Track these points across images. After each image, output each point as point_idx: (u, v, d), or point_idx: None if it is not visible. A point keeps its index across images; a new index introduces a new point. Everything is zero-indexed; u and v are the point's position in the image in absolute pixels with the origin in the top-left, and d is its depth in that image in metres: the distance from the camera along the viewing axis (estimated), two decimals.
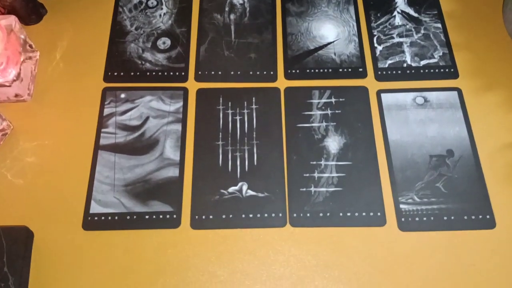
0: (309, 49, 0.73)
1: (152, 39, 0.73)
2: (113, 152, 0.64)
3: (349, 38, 0.75)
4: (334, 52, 0.73)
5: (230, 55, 0.73)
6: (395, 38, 0.75)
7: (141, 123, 0.67)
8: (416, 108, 0.69)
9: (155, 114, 0.67)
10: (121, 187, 0.62)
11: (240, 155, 0.65)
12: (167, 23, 0.75)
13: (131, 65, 0.71)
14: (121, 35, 0.73)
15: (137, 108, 0.68)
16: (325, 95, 0.70)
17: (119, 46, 0.72)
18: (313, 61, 0.72)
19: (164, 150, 0.65)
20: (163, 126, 0.66)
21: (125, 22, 0.75)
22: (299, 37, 0.74)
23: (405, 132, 0.67)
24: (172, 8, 0.76)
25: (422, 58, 0.73)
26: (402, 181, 0.64)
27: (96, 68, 0.71)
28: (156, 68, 0.71)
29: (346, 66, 0.72)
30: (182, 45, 0.73)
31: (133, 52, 0.72)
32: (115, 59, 0.71)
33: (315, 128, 0.67)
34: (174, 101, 0.68)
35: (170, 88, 0.69)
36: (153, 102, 0.68)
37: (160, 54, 0.72)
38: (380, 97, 0.70)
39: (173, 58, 0.72)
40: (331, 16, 0.77)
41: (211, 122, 0.67)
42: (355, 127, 0.67)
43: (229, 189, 0.62)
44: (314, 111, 0.68)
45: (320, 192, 0.63)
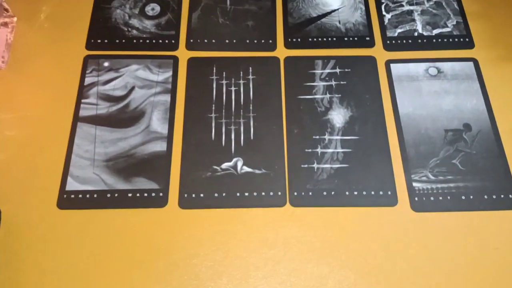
0: (312, 16, 0.67)
1: (140, 5, 0.67)
2: (93, 124, 0.58)
3: (355, 5, 0.69)
4: (339, 20, 0.67)
5: (225, 22, 0.66)
6: (404, 6, 0.69)
7: (125, 94, 0.60)
8: (429, 79, 0.63)
9: (141, 84, 0.61)
10: (102, 162, 0.56)
11: (235, 129, 0.58)
12: None
13: (116, 32, 0.65)
14: (106, 0, 0.67)
15: (122, 78, 0.61)
16: (329, 65, 0.63)
17: (104, 12, 0.66)
18: (316, 30, 0.66)
19: (151, 123, 0.58)
20: (150, 96, 0.60)
21: None
22: (300, 4, 0.68)
23: (417, 104, 0.61)
24: None
25: (435, 27, 0.67)
26: (415, 157, 0.58)
27: (78, 35, 0.64)
28: (143, 36, 0.64)
29: (351, 35, 0.66)
30: (172, 11, 0.67)
31: (119, 19, 0.66)
32: (99, 26, 0.65)
33: (318, 100, 0.61)
34: (162, 70, 0.62)
35: (159, 57, 0.63)
36: (139, 71, 0.62)
37: (148, 21, 0.66)
38: (389, 68, 0.64)
39: (162, 25, 0.66)
40: None
41: (204, 93, 0.61)
42: (363, 99, 0.61)
43: (222, 165, 0.56)
44: (317, 82, 0.62)
45: (324, 169, 0.56)
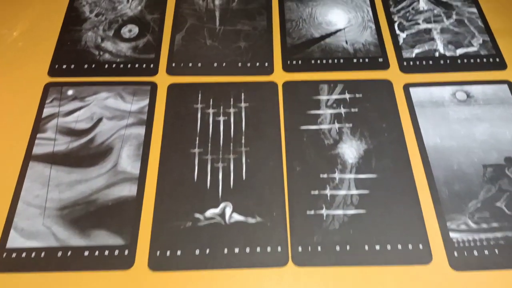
0: (314, 36, 0.58)
1: (115, 27, 0.58)
2: (49, 163, 0.47)
3: (363, 24, 0.59)
4: (346, 40, 0.58)
5: (213, 44, 0.57)
6: (421, 24, 0.60)
7: (91, 126, 0.50)
8: (458, 105, 0.52)
9: (110, 114, 0.51)
10: (55, 210, 0.44)
11: (223, 167, 0.47)
12: (135, 9, 0.60)
13: (85, 56, 0.55)
14: (76, 22, 0.58)
15: (88, 108, 0.51)
16: (337, 90, 0.53)
17: (73, 34, 0.57)
18: (319, 50, 0.56)
19: (119, 161, 0.47)
20: (120, 129, 0.49)
21: (84, 8, 0.60)
22: (300, 24, 0.59)
23: (445, 134, 0.50)
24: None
25: (458, 46, 0.57)
26: (449, 200, 0.46)
27: (41, 60, 0.55)
28: (117, 60, 0.55)
29: (361, 56, 0.56)
30: (153, 33, 0.58)
31: (89, 41, 0.57)
32: (65, 49, 0.56)
33: (324, 131, 0.50)
34: (137, 98, 0.52)
35: (134, 83, 0.53)
36: (109, 100, 0.52)
37: (124, 44, 0.56)
38: (408, 92, 0.53)
39: (140, 47, 0.56)
40: (339, 1, 0.62)
41: (186, 124, 0.50)
42: (379, 129, 0.50)
43: (206, 213, 0.44)
44: (322, 110, 0.52)
45: (335, 216, 0.45)
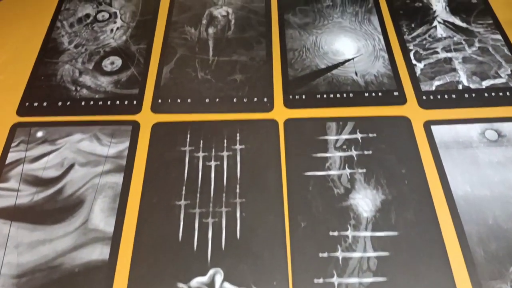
0: (319, 68, 0.51)
1: (96, 59, 0.52)
2: (8, 219, 0.40)
3: (375, 53, 0.53)
4: (355, 71, 0.51)
5: (205, 77, 0.50)
6: (440, 53, 0.53)
7: (60, 174, 0.43)
8: (488, 146, 0.45)
9: (84, 160, 0.44)
10: (11, 278, 0.37)
11: (213, 223, 0.40)
12: (119, 39, 0.54)
13: (60, 92, 0.49)
14: (53, 54, 0.52)
15: (59, 152, 0.44)
16: (347, 129, 0.46)
17: (48, 68, 0.51)
18: (326, 83, 0.50)
19: (91, 216, 0.40)
20: (94, 177, 0.42)
21: (62, 38, 0.54)
22: (303, 53, 0.53)
23: (476, 181, 0.42)
24: (129, 21, 0.56)
25: (484, 77, 0.50)
26: (485, 263, 0.38)
27: (10, 97, 0.49)
28: (95, 96, 0.48)
29: (374, 89, 0.49)
30: (137, 65, 0.51)
31: (66, 75, 0.50)
32: (38, 85, 0.49)
33: (333, 178, 0.42)
34: (116, 140, 0.45)
35: (113, 123, 0.46)
36: (83, 142, 0.45)
37: (104, 78, 0.50)
38: (430, 131, 0.46)
39: (122, 82, 0.50)
40: (347, 28, 0.56)
41: (171, 170, 0.43)
42: (398, 175, 0.43)
43: (192, 282, 0.37)
44: (330, 153, 0.44)
45: (350, 285, 0.37)
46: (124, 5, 0.58)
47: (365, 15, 0.57)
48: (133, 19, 0.56)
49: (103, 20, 0.56)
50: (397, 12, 0.58)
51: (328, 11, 0.58)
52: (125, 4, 0.58)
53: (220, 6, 0.58)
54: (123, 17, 0.56)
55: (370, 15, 0.57)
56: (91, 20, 0.56)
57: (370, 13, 0.57)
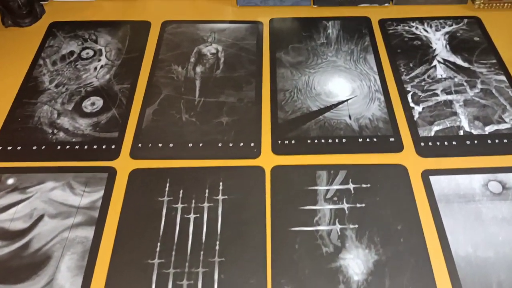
0: (311, 110, 0.48)
1: (76, 99, 0.49)
2: None
3: (370, 95, 0.50)
4: (349, 114, 0.48)
5: (190, 119, 0.48)
6: (440, 95, 0.50)
7: (28, 227, 0.40)
8: (492, 200, 0.41)
9: (54, 211, 0.41)
10: None
11: (188, 285, 0.36)
12: (103, 78, 0.52)
13: (36, 135, 0.46)
14: (32, 94, 0.50)
15: (28, 202, 0.41)
16: (338, 179, 0.43)
17: (26, 108, 0.49)
18: (317, 127, 0.47)
19: (57, 275, 0.37)
20: (63, 231, 0.39)
21: (43, 77, 0.52)
22: (295, 95, 0.50)
23: (479, 240, 0.39)
24: (114, 59, 0.54)
25: (487, 122, 0.47)
26: None
27: None
28: (72, 140, 0.46)
29: (369, 134, 0.46)
30: (119, 106, 0.49)
31: (43, 117, 0.48)
32: (14, 127, 0.47)
33: (322, 235, 0.39)
34: (90, 189, 0.42)
35: (88, 169, 0.44)
36: (55, 191, 0.42)
37: (83, 120, 0.48)
38: (428, 182, 0.43)
39: (102, 124, 0.47)
40: (342, 68, 0.53)
41: (147, 224, 0.40)
42: (393, 232, 0.39)
43: None
44: (320, 205, 0.41)
45: None
46: (110, 42, 0.56)
47: (361, 53, 0.54)
48: (118, 57, 0.54)
49: (87, 58, 0.54)
50: (395, 50, 0.55)
51: (322, 49, 0.55)
52: (111, 41, 0.56)
53: (210, 44, 0.56)
54: (108, 55, 0.54)
55: (366, 54, 0.54)
56: (74, 57, 0.54)
57: (366, 51, 0.55)
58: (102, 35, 0.57)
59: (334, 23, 0.58)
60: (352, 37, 0.56)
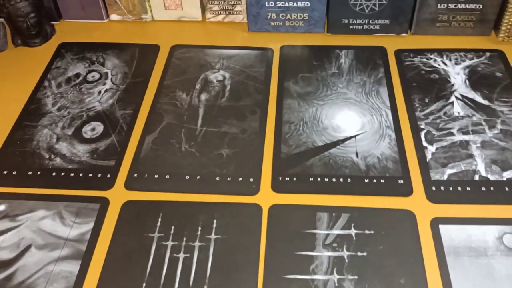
0: (316, 145, 0.46)
1: (77, 124, 0.49)
2: None
3: (381, 132, 0.47)
4: (356, 151, 0.45)
5: (189, 149, 0.46)
6: (456, 134, 0.47)
7: (14, 257, 0.38)
8: (507, 256, 0.38)
9: (42, 241, 0.39)
10: None
11: None
12: (106, 103, 0.51)
13: (33, 160, 0.45)
14: (34, 116, 0.50)
15: (17, 230, 0.40)
16: (340, 223, 0.40)
17: (25, 131, 0.48)
18: (322, 164, 0.44)
19: None
20: (49, 264, 0.38)
21: (47, 99, 0.51)
22: (301, 128, 0.48)
23: None
24: (119, 83, 0.53)
25: (506, 167, 0.44)
26: None
27: None
28: (68, 166, 0.45)
29: (376, 175, 0.43)
30: (119, 133, 0.48)
31: (42, 141, 0.47)
32: (11, 151, 0.46)
33: (318, 285, 0.36)
34: (80, 220, 0.41)
35: (81, 199, 0.42)
36: (45, 221, 0.41)
37: (82, 146, 0.47)
38: (437, 231, 0.39)
39: (100, 152, 0.46)
40: (352, 101, 0.51)
41: (134, 261, 0.38)
42: (395, 286, 0.36)
43: None
44: (317, 251, 0.38)
45: None
46: (117, 65, 0.55)
47: (374, 86, 0.52)
48: (123, 81, 0.53)
49: (92, 81, 0.53)
50: (410, 84, 0.52)
51: (332, 79, 0.53)
52: (118, 64, 0.55)
53: (217, 70, 0.54)
54: (113, 79, 0.53)
55: (379, 87, 0.52)
56: (80, 80, 0.53)
57: (379, 84, 0.52)
58: (110, 58, 0.56)
59: (347, 52, 0.56)
60: (365, 68, 0.54)
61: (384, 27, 0.57)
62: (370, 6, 0.56)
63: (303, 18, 0.57)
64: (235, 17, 0.60)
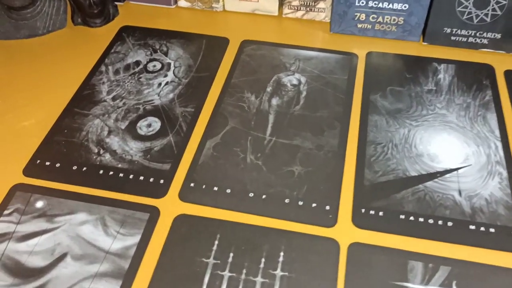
0: (408, 175, 0.38)
1: (132, 117, 0.43)
2: None
3: (489, 167, 0.39)
4: (459, 189, 0.37)
5: (255, 162, 0.39)
6: None
7: (47, 265, 0.33)
8: None
9: (80, 251, 0.34)
10: None
11: None
12: (165, 97, 0.45)
13: (79, 153, 0.40)
14: (86, 104, 0.44)
15: (53, 234, 0.35)
16: (438, 277, 0.32)
17: (75, 119, 0.43)
18: (415, 200, 0.36)
19: None
20: (84, 279, 0.32)
21: (102, 86, 0.46)
22: (389, 151, 0.40)
23: None
24: (182, 76, 0.47)
25: None
26: None
27: (22, 149, 0.41)
28: (118, 165, 0.39)
29: (484, 222, 0.35)
30: (177, 133, 0.42)
31: (92, 133, 0.42)
32: (57, 139, 0.41)
33: None
34: (125, 231, 0.35)
35: (128, 205, 0.36)
36: (86, 226, 0.35)
37: (135, 143, 0.41)
38: None
39: (154, 152, 0.40)
40: (453, 125, 0.42)
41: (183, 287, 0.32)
42: None
43: None
44: None
45: None
46: (181, 56, 0.49)
47: (480, 110, 0.43)
48: (187, 75, 0.47)
49: (153, 71, 0.48)
50: None
51: (429, 97, 0.45)
52: (182, 55, 0.49)
53: (292, 73, 0.47)
54: (176, 71, 0.48)
55: (486, 112, 0.43)
56: (139, 69, 0.48)
57: (487, 109, 0.43)
58: (174, 47, 0.50)
59: (447, 67, 0.48)
60: (469, 88, 0.45)
61: (493, 43, 0.49)
62: (481, 16, 0.47)
63: (397, 23, 0.50)
64: (316, 15, 0.53)
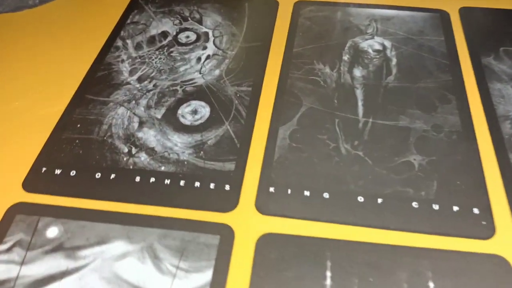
0: None
1: (168, 102, 0.31)
2: None
3: None
4: None
5: (354, 152, 0.28)
6: None
7: None
8: None
9: None
10: None
11: None
12: (210, 75, 0.33)
13: (102, 154, 0.28)
14: (102, 88, 0.32)
15: (79, 276, 0.23)
16: None
17: (89, 109, 0.31)
18: None
19: None
20: None
21: (121, 65, 0.34)
22: None
23: None
24: (226, 48, 0.35)
25: None
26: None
27: (19, 156, 0.29)
28: (161, 168, 0.27)
29: None
30: (235, 120, 0.30)
31: (117, 126, 0.30)
32: (68, 137, 0.29)
33: None
34: (189, 265, 0.23)
35: (185, 225, 0.25)
36: (127, 261, 0.23)
37: (179, 136, 0.29)
38: None
39: (208, 147, 0.28)
40: None
41: None
42: None
43: None
44: None
45: None
46: (220, 23, 0.38)
47: None
48: (232, 46, 0.36)
49: (187, 43, 0.36)
50: None
51: None
52: (221, 22, 0.38)
53: (371, 36, 0.36)
54: (217, 41, 0.36)
55: None
56: (168, 41, 0.36)
57: None
58: (208, 13, 0.39)
59: None
60: None
61: None
62: None
63: None
64: None
